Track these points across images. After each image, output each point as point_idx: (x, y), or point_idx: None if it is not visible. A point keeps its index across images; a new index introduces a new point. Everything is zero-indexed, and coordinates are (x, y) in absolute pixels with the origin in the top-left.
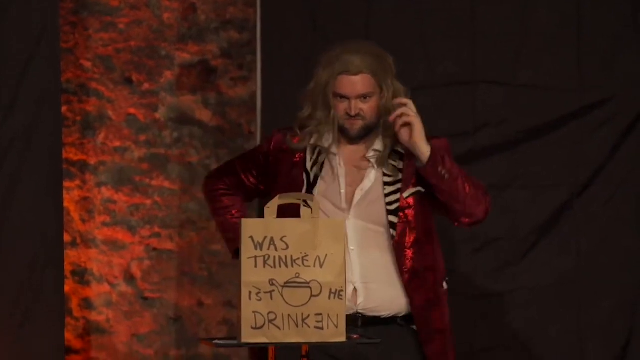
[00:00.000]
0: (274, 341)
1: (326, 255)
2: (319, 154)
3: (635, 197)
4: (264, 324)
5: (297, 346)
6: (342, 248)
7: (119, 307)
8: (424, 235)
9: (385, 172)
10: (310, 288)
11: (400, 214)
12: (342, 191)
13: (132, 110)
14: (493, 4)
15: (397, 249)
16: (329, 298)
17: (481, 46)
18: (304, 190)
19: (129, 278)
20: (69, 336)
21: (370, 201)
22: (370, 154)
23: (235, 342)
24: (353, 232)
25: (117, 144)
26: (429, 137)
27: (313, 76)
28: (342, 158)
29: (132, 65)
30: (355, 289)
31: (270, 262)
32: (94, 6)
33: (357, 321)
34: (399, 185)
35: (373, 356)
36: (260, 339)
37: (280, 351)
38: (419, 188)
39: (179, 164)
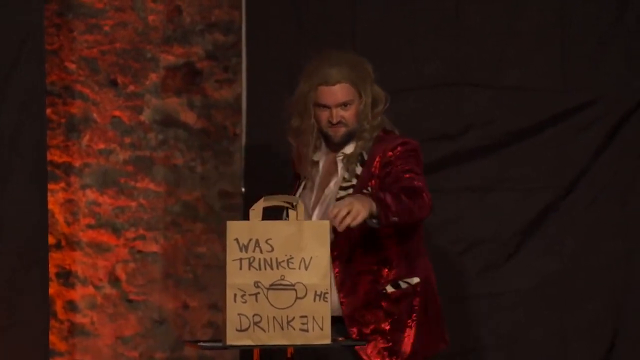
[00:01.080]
0: (259, 343)
1: (311, 257)
2: (305, 163)
3: (619, 199)
4: (249, 326)
5: (282, 348)
6: (327, 250)
7: (104, 309)
8: (362, 243)
9: (345, 177)
10: (296, 290)
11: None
12: (313, 197)
13: (117, 113)
14: (479, 5)
15: (335, 258)
16: (314, 300)
17: (467, 48)
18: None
19: (114, 280)
20: (53, 339)
21: (327, 206)
22: (340, 156)
23: (220, 344)
24: None
25: (102, 146)
26: (397, 137)
27: (296, 87)
28: (321, 165)
29: (117, 68)
30: None
31: (256, 264)
32: (79, 8)
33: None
34: (350, 191)
35: None
36: (245, 341)
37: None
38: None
39: (164, 166)
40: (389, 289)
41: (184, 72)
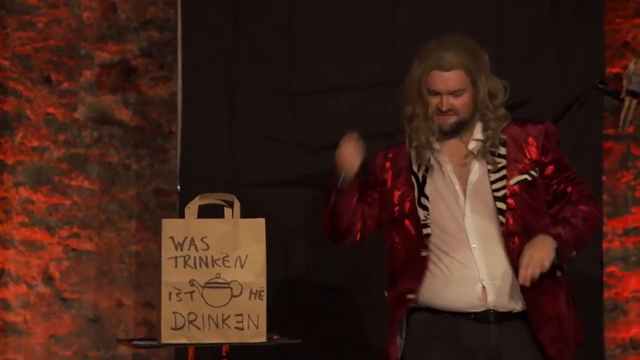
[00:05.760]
0: (193, 342)
1: (247, 255)
2: (423, 152)
3: None
4: (184, 325)
5: (217, 346)
6: (263, 248)
7: (37, 308)
8: (532, 221)
9: (488, 160)
10: (231, 288)
11: (509, 200)
12: (457, 187)
13: (51, 110)
14: (415, 4)
15: (506, 236)
16: (250, 298)
17: (403, 47)
18: (415, 193)
19: (47, 279)
20: None
21: (480, 193)
22: (472, 145)
23: (154, 343)
24: (473, 229)
25: (36, 143)
26: (529, 122)
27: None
28: (445, 154)
29: (51, 65)
30: (483, 287)
31: (191, 262)
32: (12, 4)
33: (489, 317)
34: (504, 172)
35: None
36: (180, 339)
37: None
38: (526, 176)
39: (99, 163)
40: (557, 272)
41: (118, 69)
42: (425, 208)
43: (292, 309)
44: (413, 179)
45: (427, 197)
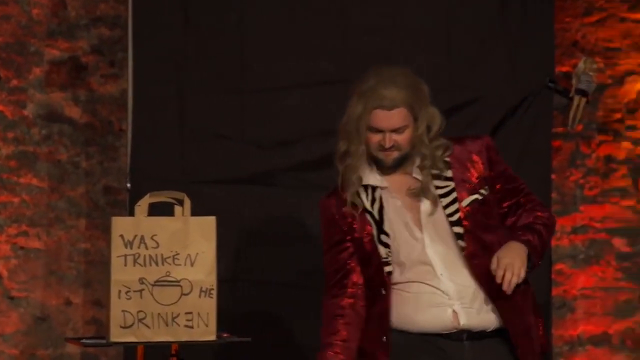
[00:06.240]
0: (143, 340)
1: (197, 253)
2: (372, 191)
3: None
4: (133, 323)
5: (166, 345)
6: (213, 246)
7: None
8: (489, 238)
9: (437, 185)
10: (181, 287)
11: (464, 222)
12: (410, 220)
13: None
14: (366, 2)
15: (469, 259)
16: (200, 297)
17: (354, 45)
18: (374, 232)
19: None
20: None
21: (435, 221)
22: (416, 173)
23: (103, 341)
24: (436, 257)
25: None
26: (468, 139)
27: (347, 108)
28: (392, 190)
29: (0, 61)
30: (454, 312)
31: (141, 260)
32: None
33: (462, 336)
34: (454, 195)
35: None
36: (129, 338)
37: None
38: (476, 196)
39: (48, 161)
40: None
41: (68, 66)
42: (386, 245)
43: (243, 308)
44: (369, 218)
45: (387, 234)
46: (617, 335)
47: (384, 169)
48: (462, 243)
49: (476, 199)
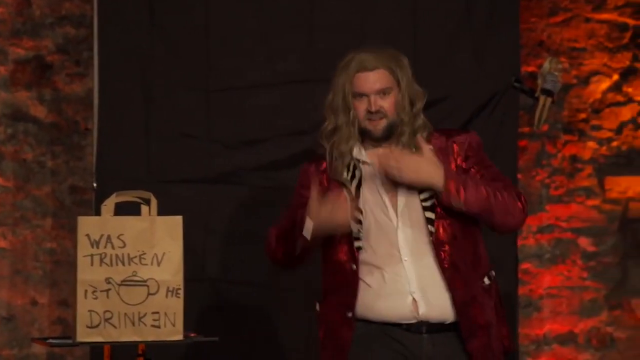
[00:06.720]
0: (109, 340)
1: (164, 253)
2: (353, 165)
3: None
4: (99, 323)
5: (133, 345)
6: (180, 246)
7: None
8: (460, 229)
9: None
10: (148, 286)
11: (437, 209)
12: (387, 200)
13: None
14: (333, 2)
15: (436, 246)
16: (166, 296)
17: (320, 45)
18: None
19: None
20: None
21: (410, 205)
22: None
23: (70, 341)
24: (404, 242)
25: None
26: (455, 132)
27: (330, 87)
28: (375, 165)
29: None
30: (414, 300)
31: (107, 260)
32: None
33: (421, 329)
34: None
35: None
36: (95, 338)
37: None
38: None
39: (13, 160)
40: (487, 280)
41: (33, 65)
42: (358, 222)
43: (210, 307)
44: (345, 193)
45: (360, 211)
46: (582, 334)
47: (373, 142)
48: (432, 228)
49: None
